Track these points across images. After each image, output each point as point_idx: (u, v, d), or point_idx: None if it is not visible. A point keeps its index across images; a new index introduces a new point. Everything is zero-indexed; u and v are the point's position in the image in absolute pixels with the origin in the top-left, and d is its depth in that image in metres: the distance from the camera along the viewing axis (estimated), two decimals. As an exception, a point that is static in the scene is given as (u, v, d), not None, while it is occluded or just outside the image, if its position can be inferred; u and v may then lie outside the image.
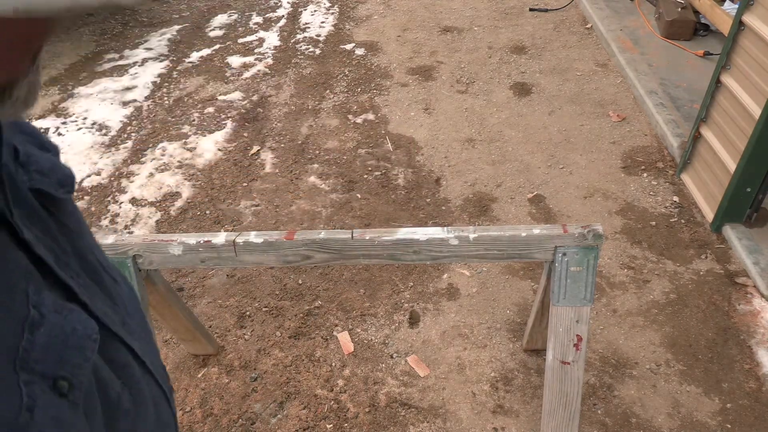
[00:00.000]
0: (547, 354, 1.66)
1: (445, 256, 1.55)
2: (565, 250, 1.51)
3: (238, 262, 1.56)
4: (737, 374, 2.06)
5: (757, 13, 2.29)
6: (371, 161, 3.08)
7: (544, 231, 1.51)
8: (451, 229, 1.53)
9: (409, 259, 1.56)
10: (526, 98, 3.56)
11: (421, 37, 4.24)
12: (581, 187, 2.89)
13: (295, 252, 1.53)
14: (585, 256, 1.52)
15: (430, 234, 1.52)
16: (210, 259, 1.55)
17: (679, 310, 2.28)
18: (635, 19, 4.21)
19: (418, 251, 1.54)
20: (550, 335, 1.63)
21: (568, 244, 1.51)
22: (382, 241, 1.52)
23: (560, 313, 1.59)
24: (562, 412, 1.72)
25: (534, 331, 2.00)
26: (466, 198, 2.84)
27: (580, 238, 1.50)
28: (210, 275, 2.47)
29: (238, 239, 1.52)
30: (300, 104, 3.55)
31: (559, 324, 1.60)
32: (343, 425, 1.94)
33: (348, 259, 1.56)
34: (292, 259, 1.55)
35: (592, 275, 1.54)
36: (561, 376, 1.66)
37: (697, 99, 3.06)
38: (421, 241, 1.52)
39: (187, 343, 2.11)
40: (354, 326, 2.25)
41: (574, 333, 1.60)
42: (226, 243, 1.52)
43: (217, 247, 1.53)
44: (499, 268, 2.47)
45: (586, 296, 1.55)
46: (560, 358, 1.64)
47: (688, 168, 2.86)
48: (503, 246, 1.53)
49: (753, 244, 2.47)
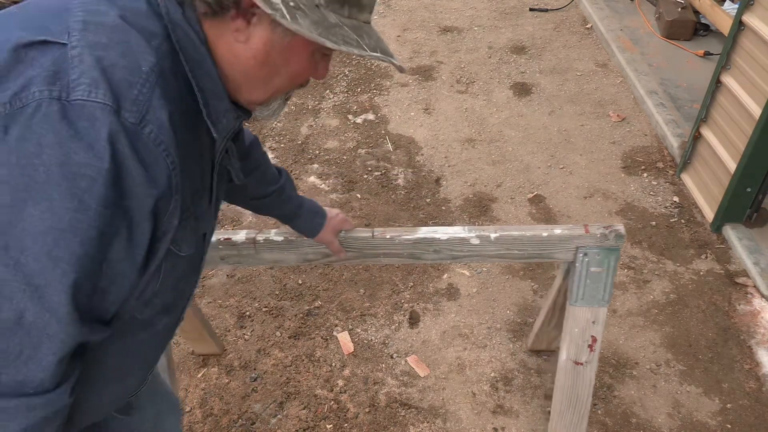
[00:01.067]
0: (560, 354, 1.64)
1: (466, 255, 1.53)
2: (587, 251, 1.49)
3: (258, 260, 1.54)
4: (737, 374, 2.06)
5: (757, 13, 2.29)
6: (371, 161, 3.08)
7: (565, 231, 1.49)
8: (472, 229, 1.51)
9: (430, 258, 1.54)
10: (526, 98, 3.56)
11: (421, 37, 4.24)
12: (581, 187, 2.89)
13: (315, 250, 1.51)
14: (606, 257, 1.50)
15: (451, 233, 1.50)
16: (230, 256, 1.53)
17: (679, 311, 2.28)
18: (635, 19, 4.21)
19: (438, 250, 1.52)
20: (565, 335, 1.61)
21: (590, 245, 1.49)
22: (403, 240, 1.50)
23: (577, 313, 1.57)
24: (572, 414, 1.70)
25: (542, 332, 1.99)
26: (466, 198, 2.84)
27: (601, 238, 1.47)
28: (210, 275, 2.47)
29: (258, 237, 1.50)
30: (300, 104, 3.55)
31: (575, 324, 1.58)
32: (343, 425, 1.94)
33: (369, 257, 1.54)
34: (313, 257, 1.53)
35: (611, 276, 1.52)
36: (573, 376, 1.65)
37: (697, 99, 3.06)
38: (442, 240, 1.50)
39: (193, 342, 2.11)
40: (354, 326, 2.25)
41: (589, 334, 1.58)
42: (246, 240, 1.50)
43: (237, 245, 1.51)
44: (499, 268, 2.47)
45: (604, 297, 1.54)
46: (574, 358, 1.62)
47: (688, 168, 2.86)
48: (524, 246, 1.51)
49: (753, 244, 2.47)
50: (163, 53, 0.70)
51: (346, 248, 1.50)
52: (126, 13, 0.69)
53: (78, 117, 0.63)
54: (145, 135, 0.66)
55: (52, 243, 0.64)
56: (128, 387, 0.96)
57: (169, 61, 0.70)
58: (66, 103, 0.63)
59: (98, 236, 0.65)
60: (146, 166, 0.66)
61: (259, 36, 0.73)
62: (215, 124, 0.79)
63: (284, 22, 0.68)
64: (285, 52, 0.76)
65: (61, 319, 0.66)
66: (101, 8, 0.69)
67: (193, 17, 0.72)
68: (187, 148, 0.74)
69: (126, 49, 0.67)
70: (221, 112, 0.79)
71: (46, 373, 0.68)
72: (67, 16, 0.68)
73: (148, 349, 0.94)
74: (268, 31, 0.73)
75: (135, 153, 0.65)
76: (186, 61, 0.73)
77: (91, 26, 0.67)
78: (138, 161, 0.66)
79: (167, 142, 0.68)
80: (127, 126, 0.65)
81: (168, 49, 0.71)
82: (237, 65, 0.76)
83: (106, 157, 0.63)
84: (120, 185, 0.65)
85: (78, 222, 0.64)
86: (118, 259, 0.69)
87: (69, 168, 0.62)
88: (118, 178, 0.65)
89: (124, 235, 0.68)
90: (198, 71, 0.74)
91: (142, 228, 0.69)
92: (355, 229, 1.50)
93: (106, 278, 0.69)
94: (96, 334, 0.73)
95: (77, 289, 0.66)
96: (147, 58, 0.68)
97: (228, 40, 0.74)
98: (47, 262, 0.64)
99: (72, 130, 0.63)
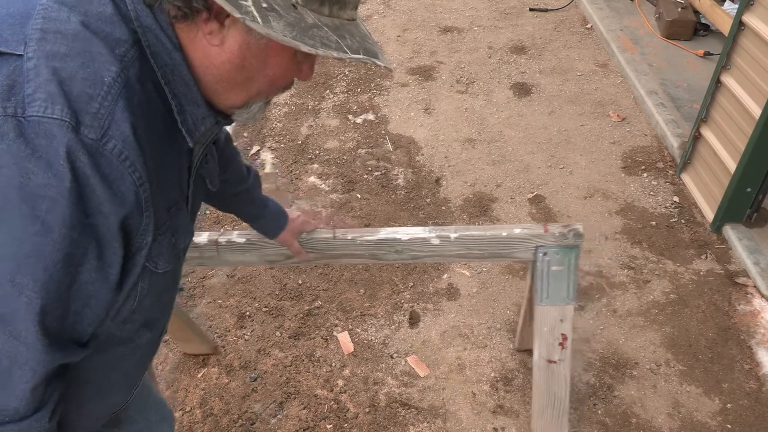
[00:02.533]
0: (533, 353, 1.66)
1: (427, 255, 1.56)
2: (546, 250, 1.52)
3: (222, 262, 1.57)
4: (737, 374, 2.06)
5: (757, 13, 2.29)
6: (371, 161, 3.08)
7: (524, 231, 1.52)
8: (432, 229, 1.54)
9: (391, 258, 1.57)
10: (526, 98, 3.55)
11: (421, 37, 4.24)
12: (581, 188, 2.89)
13: (277, 252, 1.53)
14: (566, 256, 1.52)
15: (412, 233, 1.53)
16: (192, 258, 1.55)
17: (680, 311, 2.28)
18: (635, 19, 4.21)
19: (400, 251, 1.55)
20: (536, 335, 1.63)
21: (549, 244, 1.51)
22: (364, 241, 1.53)
23: (544, 312, 1.59)
24: (551, 411, 1.72)
25: (524, 331, 2.01)
26: (466, 198, 2.84)
27: (560, 237, 1.50)
28: (210, 275, 2.47)
29: (220, 239, 1.52)
30: (300, 104, 3.55)
31: (544, 323, 1.60)
32: (343, 425, 1.94)
33: (330, 258, 1.56)
34: (275, 258, 1.55)
35: (573, 274, 1.54)
36: (548, 375, 1.67)
37: (697, 99, 3.06)
38: (403, 241, 1.53)
39: (181, 342, 2.12)
40: (354, 326, 2.25)
41: (558, 332, 1.60)
42: (208, 243, 1.53)
43: (199, 247, 1.53)
44: (499, 268, 2.47)
45: (569, 295, 1.56)
46: (546, 357, 1.64)
47: (688, 168, 2.85)
48: (485, 246, 1.53)
49: (753, 244, 2.46)
50: (129, 61, 0.66)
51: (309, 249, 1.52)
52: (89, 19, 0.65)
53: (35, 134, 0.59)
54: (108, 151, 0.63)
55: (15, 270, 0.61)
56: (112, 403, 0.95)
57: (136, 69, 0.67)
58: (22, 120, 0.59)
59: (64, 259, 0.63)
60: (110, 184, 0.63)
61: (234, 39, 0.69)
62: (191, 132, 0.76)
63: (254, 26, 0.63)
64: (262, 55, 0.71)
65: (30, 347, 0.64)
66: (62, 15, 0.64)
67: (164, 21, 0.68)
68: (161, 158, 0.71)
69: (87, 59, 0.63)
70: (199, 119, 0.75)
71: (21, 402, 0.66)
72: (26, 24, 0.63)
73: (130, 364, 0.92)
74: (243, 34, 0.68)
75: (97, 170, 0.62)
76: (158, 68, 0.69)
77: (49, 35, 0.63)
78: (101, 179, 0.62)
79: (133, 157, 0.65)
80: (87, 143, 0.61)
81: (136, 55, 0.67)
82: (213, 69, 0.72)
83: (67, 177, 0.60)
84: (83, 204, 0.62)
85: (41, 246, 0.61)
86: (89, 281, 0.66)
87: (28, 189, 0.59)
88: (81, 197, 0.62)
89: (94, 256, 0.65)
90: (171, 77, 0.71)
91: (112, 247, 0.66)
92: (316, 231, 1.52)
93: (77, 301, 0.66)
94: (73, 357, 0.71)
95: (45, 315, 0.64)
96: (109, 68, 0.64)
97: (202, 43, 0.70)
98: (10, 289, 0.61)
99: (29, 149, 0.59)
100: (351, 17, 0.73)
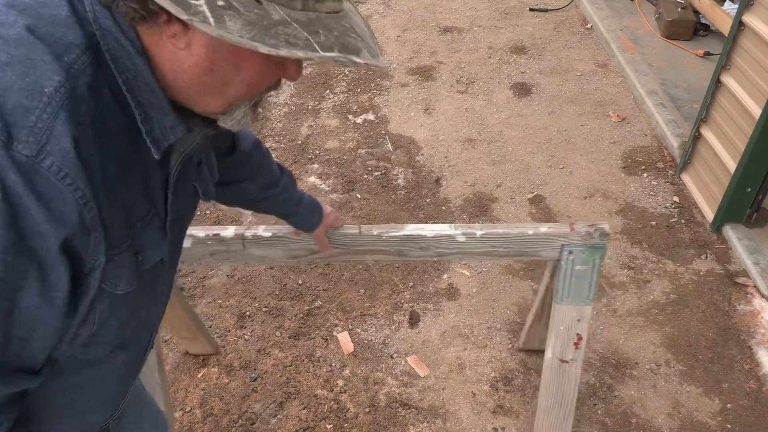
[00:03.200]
0: (546, 352, 1.66)
1: (452, 252, 1.55)
2: (572, 249, 1.51)
3: (246, 256, 1.55)
4: (737, 374, 2.06)
5: (757, 13, 2.29)
6: (371, 161, 3.09)
7: (551, 229, 1.51)
8: (458, 226, 1.52)
9: (416, 255, 1.55)
10: (526, 98, 3.56)
11: (421, 37, 4.24)
12: (581, 188, 2.89)
13: (302, 246, 1.52)
14: (591, 255, 1.51)
15: (438, 230, 1.52)
16: (219, 252, 1.54)
17: (680, 311, 2.28)
18: (635, 19, 4.21)
19: (425, 247, 1.53)
20: (551, 333, 1.62)
21: (575, 243, 1.50)
22: (390, 237, 1.51)
23: (562, 311, 1.58)
24: (558, 411, 1.72)
25: (532, 330, 2.00)
26: (466, 198, 2.84)
27: (586, 236, 1.49)
28: (210, 275, 2.47)
29: (246, 233, 1.52)
30: (300, 104, 3.55)
31: (561, 322, 1.60)
32: (343, 425, 1.94)
33: (355, 254, 1.55)
34: (300, 253, 1.54)
35: (596, 274, 1.53)
36: (559, 374, 1.66)
37: (697, 99, 3.06)
38: (429, 237, 1.52)
39: (186, 341, 2.11)
40: (354, 326, 2.25)
41: (574, 332, 1.60)
42: (234, 236, 1.52)
43: (225, 241, 1.52)
44: (499, 268, 2.47)
45: (589, 295, 1.55)
46: (559, 356, 1.64)
47: (688, 168, 2.86)
48: (510, 243, 1.52)
49: (753, 244, 2.47)
50: (79, 68, 0.60)
51: (334, 245, 1.52)
52: (37, 23, 0.60)
53: None
54: (45, 169, 0.57)
55: None
56: (94, 420, 0.91)
57: (88, 77, 0.61)
58: None
59: (0, 284, 0.59)
60: (47, 203, 0.58)
61: (199, 42, 0.62)
62: (157, 142, 0.68)
63: (205, 27, 0.55)
64: (232, 58, 0.64)
65: None
66: (8, 19, 0.60)
67: (125, 23, 0.62)
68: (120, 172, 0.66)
69: (28, 68, 0.58)
70: (167, 128, 0.68)
71: None
72: None
73: (107, 384, 0.88)
74: (209, 36, 0.60)
75: (31, 190, 0.57)
76: (119, 73, 0.63)
77: None
78: (36, 198, 0.57)
79: (74, 174, 0.59)
80: (20, 160, 0.56)
81: (89, 61, 0.61)
82: (182, 74, 0.65)
83: None
84: (18, 226, 0.57)
85: None
86: (32, 306, 0.62)
87: None
88: (15, 218, 0.57)
89: (36, 279, 0.60)
90: (134, 83, 0.64)
91: (57, 270, 0.61)
92: (342, 226, 1.51)
93: (20, 327, 0.62)
94: (22, 385, 0.67)
95: None
96: (52, 77, 0.58)
97: (167, 47, 0.63)
98: None
99: None
100: (333, 9, 0.63)
